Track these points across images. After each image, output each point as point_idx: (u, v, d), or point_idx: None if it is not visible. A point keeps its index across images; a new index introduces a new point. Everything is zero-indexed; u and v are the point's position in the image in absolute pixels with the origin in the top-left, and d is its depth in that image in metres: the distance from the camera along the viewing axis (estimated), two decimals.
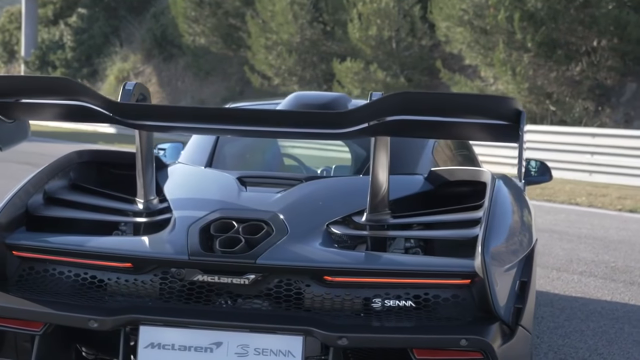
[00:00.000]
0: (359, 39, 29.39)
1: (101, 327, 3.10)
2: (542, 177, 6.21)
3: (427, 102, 3.22)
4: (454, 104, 3.25)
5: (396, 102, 3.13)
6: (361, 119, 3.16)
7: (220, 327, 3.11)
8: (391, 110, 3.13)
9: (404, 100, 3.14)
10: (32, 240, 3.40)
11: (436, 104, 3.21)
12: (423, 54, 30.00)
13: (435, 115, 3.17)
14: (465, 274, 3.20)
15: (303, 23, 31.99)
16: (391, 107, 3.13)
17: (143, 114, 3.30)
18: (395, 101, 3.13)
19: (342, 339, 3.03)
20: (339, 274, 3.24)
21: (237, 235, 3.30)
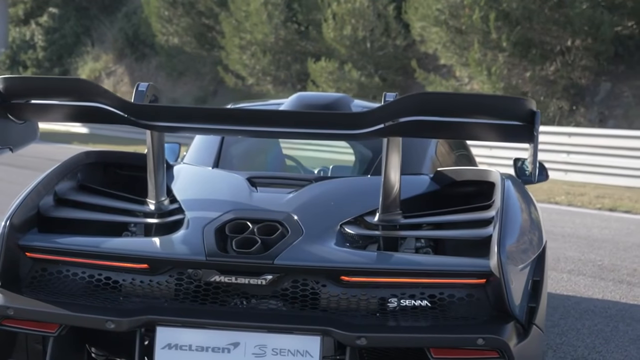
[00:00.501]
0: (333, 38, 29.36)
1: (118, 328, 3.09)
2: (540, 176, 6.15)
3: (444, 102, 3.24)
4: (470, 104, 3.27)
5: (414, 102, 3.15)
6: (379, 119, 3.18)
7: (238, 328, 3.11)
8: (409, 110, 3.16)
9: (422, 100, 3.18)
10: (46, 241, 3.38)
11: (452, 104, 3.24)
12: (397, 53, 30.00)
13: (451, 116, 3.20)
14: (481, 274, 3.21)
15: (277, 23, 31.87)
16: (409, 108, 3.15)
17: (160, 115, 3.30)
18: (413, 102, 3.15)
19: (361, 339, 3.03)
20: (356, 274, 3.24)
21: (253, 235, 3.30)
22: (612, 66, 24.34)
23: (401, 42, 29.75)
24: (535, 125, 3.06)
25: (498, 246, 3.17)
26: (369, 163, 4.77)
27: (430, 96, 3.27)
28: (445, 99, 3.39)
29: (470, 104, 3.30)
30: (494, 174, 3.83)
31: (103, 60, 45.66)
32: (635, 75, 23.97)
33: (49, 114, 3.36)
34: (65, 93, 3.28)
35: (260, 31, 32.14)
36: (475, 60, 24.01)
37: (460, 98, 3.65)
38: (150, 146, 3.56)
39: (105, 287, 3.37)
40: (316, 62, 29.47)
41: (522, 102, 3.10)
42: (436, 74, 26.96)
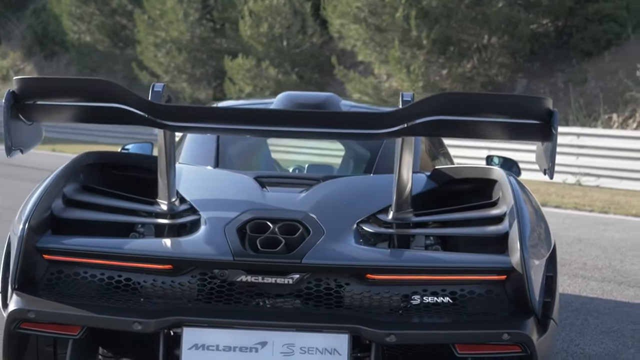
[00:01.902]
0: (250, 36, 29.14)
1: (145, 329, 3.06)
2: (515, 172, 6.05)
3: (468, 102, 3.27)
4: (492, 104, 3.29)
5: (441, 102, 3.17)
6: (403, 119, 3.18)
7: (266, 327, 3.10)
8: (434, 110, 3.16)
9: (448, 100, 3.21)
10: (66, 243, 3.32)
11: (476, 103, 3.26)
12: (314, 51, 29.99)
13: (473, 115, 3.21)
14: (502, 270, 3.24)
15: (193, 21, 31.49)
16: (435, 108, 3.16)
17: (184, 115, 3.27)
18: (440, 102, 3.17)
19: (390, 336, 3.04)
20: (382, 272, 3.25)
21: (276, 235, 3.28)
22: (528, 63, 24.65)
23: (318, 40, 29.70)
24: (554, 124, 3.11)
25: (520, 243, 3.20)
26: (368, 162, 4.76)
27: (456, 96, 3.32)
28: (469, 99, 3.42)
29: (492, 103, 3.31)
30: (496, 171, 3.83)
31: (11, 58, 44.58)
32: (550, 73, 24.30)
33: (65, 115, 3.30)
34: (87, 94, 3.23)
35: (175, 29, 31.70)
36: (395, 58, 24.00)
37: (482, 98, 3.62)
38: (163, 146, 3.49)
39: (125, 289, 3.32)
40: (233, 60, 29.20)
41: (540, 101, 3.15)
42: (355, 71, 26.93)
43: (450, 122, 3.20)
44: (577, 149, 17.10)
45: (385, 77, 26.30)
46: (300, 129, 3.30)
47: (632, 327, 6.02)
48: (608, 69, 22.85)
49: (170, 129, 3.30)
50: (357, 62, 28.03)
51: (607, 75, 22.63)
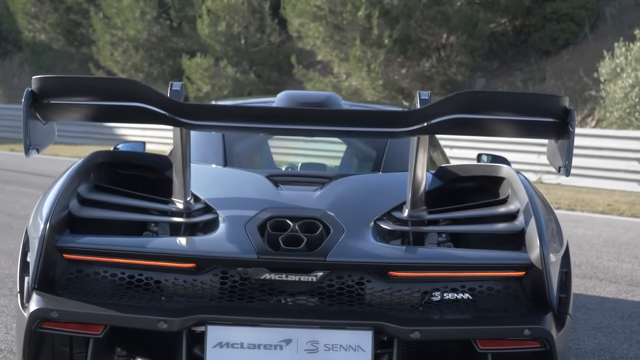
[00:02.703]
0: (208, 35, 28.97)
1: (170, 328, 3.07)
2: None
3: (488, 100, 3.29)
4: (510, 102, 3.30)
5: (462, 100, 3.17)
6: (424, 117, 3.18)
7: (290, 324, 3.11)
8: (455, 109, 3.16)
9: (470, 99, 3.22)
10: (87, 242, 3.30)
11: (495, 102, 3.28)
12: (272, 50, 29.89)
13: (491, 114, 3.23)
14: (521, 266, 3.27)
15: (150, 19, 31.20)
16: (456, 106, 3.16)
17: (209, 114, 3.27)
18: (461, 100, 3.17)
19: (415, 333, 3.06)
20: (404, 269, 3.26)
21: (297, 233, 3.28)
22: (486, 62, 24.77)
23: (276, 39, 29.60)
24: (571, 122, 3.15)
25: (539, 239, 3.24)
26: (375, 161, 4.75)
27: (476, 95, 3.30)
28: (489, 97, 3.43)
29: (510, 102, 3.31)
30: (504, 169, 3.83)
31: None
32: (508, 72, 24.43)
33: (84, 114, 3.28)
34: (109, 93, 3.21)
35: (132, 27, 31.36)
36: (356, 57, 23.94)
37: (501, 96, 3.68)
38: (179, 145, 3.44)
39: (146, 288, 3.31)
40: (191, 59, 29.01)
41: (556, 99, 3.20)
42: (314, 70, 26.86)
43: (468, 120, 3.21)
44: (538, 147, 17.12)
45: (344, 76, 26.23)
46: (323, 128, 3.31)
47: (621, 322, 6.02)
48: (566, 67, 23.01)
49: (193, 127, 3.28)
50: (315, 61, 27.99)
51: (565, 74, 22.78)
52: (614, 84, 19.12)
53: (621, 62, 19.07)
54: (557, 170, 3.37)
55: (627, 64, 18.85)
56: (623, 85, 18.59)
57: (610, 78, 19.44)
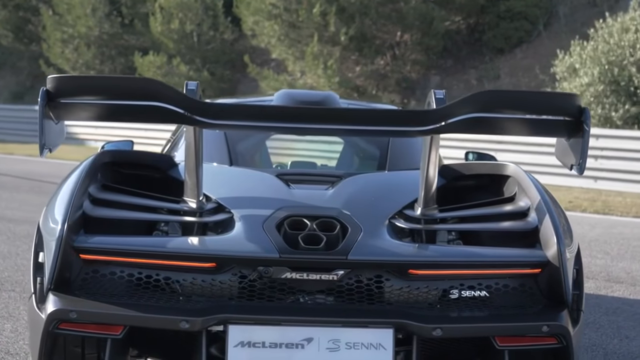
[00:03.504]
0: (161, 32, 28.77)
1: (192, 327, 3.04)
2: None
3: (506, 99, 3.30)
4: (527, 101, 3.32)
5: (481, 100, 3.18)
6: (443, 116, 3.19)
7: (312, 323, 3.10)
8: (474, 108, 3.18)
9: (489, 98, 3.22)
10: (104, 242, 3.25)
11: (513, 101, 3.29)
12: (225, 48, 29.77)
13: (508, 112, 3.25)
14: (538, 264, 3.28)
15: (101, 16, 30.81)
16: (474, 105, 3.17)
17: (230, 114, 3.26)
18: (480, 99, 3.18)
19: (437, 330, 3.07)
20: (425, 267, 3.26)
21: (316, 232, 3.26)
22: (441, 60, 24.84)
23: (229, 37, 29.48)
24: (587, 121, 3.17)
25: (556, 236, 3.26)
26: (379, 159, 4.76)
27: (495, 94, 3.26)
28: (507, 96, 3.44)
29: (527, 101, 3.33)
30: (511, 167, 3.84)
31: None
32: (463, 70, 24.50)
33: (99, 113, 3.24)
34: (138, 93, 3.18)
35: (83, 24, 30.94)
36: (312, 54, 23.85)
37: (519, 95, 3.62)
38: (192, 144, 3.40)
39: (164, 288, 3.28)
40: (143, 56, 28.75)
41: (572, 98, 3.24)
42: (269, 68, 26.76)
43: (485, 119, 3.21)
44: (496, 144, 17.15)
45: (299, 74, 26.12)
46: (342, 127, 3.29)
47: (606, 318, 6.01)
48: (520, 65, 23.15)
49: (212, 127, 3.26)
50: (269, 59, 27.90)
51: (519, 72, 22.90)
52: (569, 82, 19.22)
53: (576, 60, 19.18)
54: (568, 169, 3.37)
55: (582, 63, 18.96)
56: (579, 84, 18.69)
57: (565, 76, 19.54)
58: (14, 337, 4.74)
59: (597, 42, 19.07)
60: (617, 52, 18.55)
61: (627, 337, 5.43)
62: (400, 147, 4.57)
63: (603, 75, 18.42)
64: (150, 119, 3.28)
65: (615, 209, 13.05)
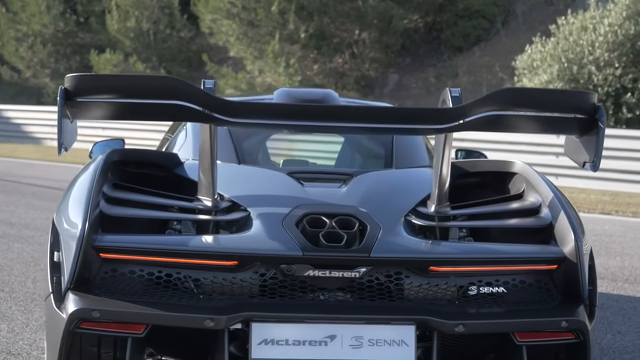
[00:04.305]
0: (117, 30, 28.51)
1: (217, 326, 3.03)
2: None
3: (525, 97, 3.33)
4: (544, 99, 3.34)
5: (502, 97, 3.19)
6: (462, 115, 3.19)
7: (335, 321, 3.09)
8: (494, 106, 3.19)
9: (510, 96, 3.25)
10: (125, 241, 3.21)
11: (533, 99, 3.31)
12: (182, 45, 29.56)
13: (525, 110, 3.27)
14: (555, 260, 3.29)
15: (56, 14, 30.39)
16: (495, 103, 3.18)
17: (249, 112, 3.24)
18: (500, 97, 3.19)
19: (459, 326, 3.07)
20: (445, 264, 3.27)
21: (337, 229, 3.24)
22: (399, 59, 24.84)
23: (186, 35, 29.27)
24: (602, 118, 3.19)
25: (573, 232, 3.27)
26: (385, 157, 4.74)
27: (515, 92, 3.37)
28: (526, 94, 3.49)
29: (544, 98, 3.36)
30: (518, 164, 3.82)
31: None
32: (421, 68, 24.52)
33: (118, 112, 3.24)
34: (158, 92, 3.17)
35: (37, 22, 30.51)
36: (273, 53, 23.72)
37: (537, 93, 3.70)
38: (207, 143, 3.38)
39: (184, 286, 3.24)
40: (100, 55, 28.42)
41: (587, 96, 3.24)
42: (227, 66, 26.61)
43: (502, 117, 3.23)
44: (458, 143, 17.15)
45: (257, 73, 25.98)
46: (364, 125, 3.29)
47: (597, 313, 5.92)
48: (478, 63, 23.22)
49: (232, 125, 3.27)
50: (226, 57, 27.76)
51: (477, 70, 22.97)
52: (529, 80, 19.30)
53: (537, 57, 19.27)
54: (581, 166, 3.38)
55: (543, 60, 19.05)
56: (539, 82, 18.77)
57: (525, 73, 19.63)
58: (12, 338, 4.62)
59: (558, 39, 19.19)
60: (576, 50, 18.67)
61: (619, 332, 5.38)
62: (404, 145, 4.57)
63: (562, 73, 18.52)
64: (169, 117, 3.32)
65: (581, 206, 13.07)
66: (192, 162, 4.08)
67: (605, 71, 18.44)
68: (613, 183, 15.10)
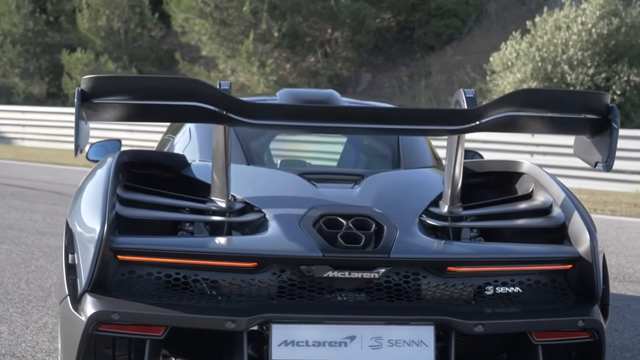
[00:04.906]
0: (88, 29, 28.26)
1: (238, 327, 3.01)
2: None
3: (543, 98, 3.32)
4: (563, 100, 3.34)
5: (519, 98, 3.21)
6: (479, 116, 3.19)
7: (354, 321, 3.09)
8: (511, 107, 3.20)
9: (527, 97, 3.26)
10: (144, 243, 3.17)
11: (549, 100, 3.30)
12: (152, 45, 29.36)
13: (543, 111, 3.26)
14: (570, 260, 3.29)
15: (26, 13, 30.04)
16: (512, 104, 3.20)
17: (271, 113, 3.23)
18: (519, 98, 3.22)
19: (478, 326, 3.07)
20: (463, 264, 3.25)
21: (353, 230, 3.23)
22: (372, 58, 24.80)
23: (157, 34, 29.07)
24: (615, 119, 3.22)
25: (589, 233, 3.28)
26: (391, 158, 4.72)
27: (533, 92, 3.34)
28: (544, 95, 3.47)
29: (562, 99, 3.36)
30: (526, 164, 3.83)
31: None
32: (394, 67, 24.50)
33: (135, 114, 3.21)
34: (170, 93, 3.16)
35: (7, 21, 30.14)
36: (247, 52, 23.59)
37: (556, 94, 3.69)
38: (222, 144, 3.36)
39: (202, 288, 3.21)
40: (71, 54, 28.09)
41: (601, 97, 3.26)
42: (199, 65, 26.47)
43: (519, 118, 3.24)
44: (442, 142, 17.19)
45: (229, 72, 25.85)
46: (384, 126, 3.29)
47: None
48: (451, 62, 23.24)
49: (252, 126, 3.25)
50: (197, 56, 27.61)
51: (450, 69, 22.98)
52: (502, 78, 19.32)
53: (512, 55, 19.30)
54: (592, 166, 3.40)
55: (517, 58, 19.08)
56: (513, 80, 18.81)
57: (499, 72, 19.65)
58: (14, 340, 4.55)
59: (533, 38, 19.23)
60: (550, 49, 18.71)
61: (616, 331, 5.36)
62: (410, 146, 4.58)
63: (536, 71, 18.56)
64: (187, 119, 3.30)
65: None
66: (199, 163, 4.08)
67: (578, 70, 18.49)
68: (587, 181, 15.09)
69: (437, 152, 5.00)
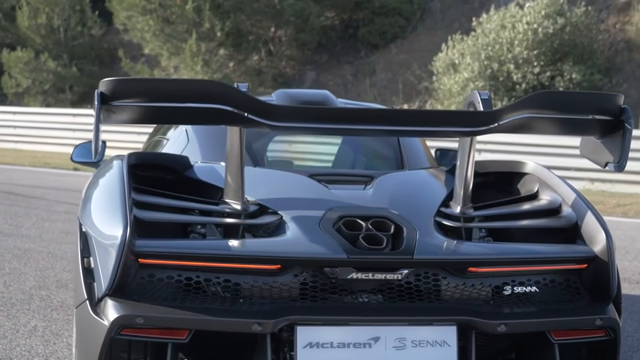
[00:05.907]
0: (27, 27, 27.67)
1: (264, 330, 2.99)
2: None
3: (560, 100, 3.31)
4: (579, 102, 3.34)
5: (537, 100, 3.21)
6: (497, 118, 3.18)
7: (378, 322, 3.09)
8: (529, 109, 3.19)
9: (545, 98, 3.25)
10: (166, 247, 3.13)
11: (566, 101, 3.31)
12: (93, 43, 28.83)
13: (560, 113, 3.25)
14: (586, 259, 3.31)
15: None
16: (530, 106, 3.19)
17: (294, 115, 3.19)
18: (537, 100, 3.21)
19: (501, 326, 3.08)
20: (483, 264, 3.25)
21: (373, 232, 3.21)
22: (316, 56, 24.63)
23: (97, 32, 28.58)
24: (629, 120, 3.23)
25: (605, 232, 3.29)
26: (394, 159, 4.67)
27: (551, 94, 3.32)
28: (561, 96, 3.49)
29: (578, 101, 3.37)
30: (530, 165, 3.86)
31: None
32: (338, 65, 24.32)
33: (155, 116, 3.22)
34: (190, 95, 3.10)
35: None
36: (191, 51, 23.22)
37: (572, 96, 3.71)
38: (237, 146, 3.33)
39: (224, 290, 3.17)
40: (10, 52, 27.44)
41: (614, 98, 3.25)
42: (142, 64, 26.06)
43: (535, 119, 3.24)
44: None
45: (173, 70, 25.47)
46: (408, 128, 3.29)
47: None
48: (395, 60, 23.14)
49: (275, 129, 3.20)
50: (139, 54, 27.24)
51: (394, 67, 22.89)
52: (448, 77, 19.25)
53: (457, 55, 19.23)
54: (602, 167, 3.41)
55: (462, 57, 19.01)
56: (459, 79, 18.73)
57: (444, 71, 19.58)
58: (7, 344, 4.49)
59: (478, 36, 19.17)
60: (495, 48, 18.67)
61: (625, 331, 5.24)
62: (410, 147, 4.57)
63: (483, 70, 18.51)
64: (207, 121, 3.28)
65: None
66: (203, 165, 4.05)
67: (524, 69, 18.48)
68: None
69: (431, 153, 4.98)
